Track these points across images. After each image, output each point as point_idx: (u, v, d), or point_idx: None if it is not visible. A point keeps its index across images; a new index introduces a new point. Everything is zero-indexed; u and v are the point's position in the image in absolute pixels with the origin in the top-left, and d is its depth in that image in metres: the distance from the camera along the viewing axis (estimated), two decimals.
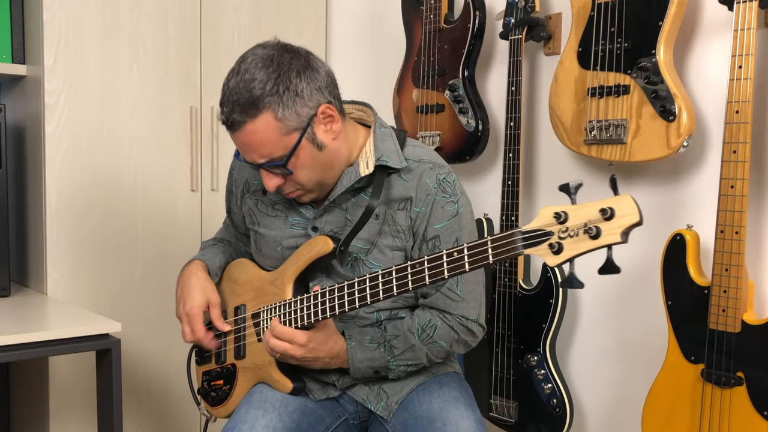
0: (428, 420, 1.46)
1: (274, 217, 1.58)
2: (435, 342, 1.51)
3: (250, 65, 1.38)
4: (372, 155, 1.48)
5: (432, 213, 1.49)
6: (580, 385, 2.07)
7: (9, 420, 2.39)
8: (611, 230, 1.08)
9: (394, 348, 1.49)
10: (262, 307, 1.54)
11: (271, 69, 1.37)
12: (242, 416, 1.46)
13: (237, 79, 1.38)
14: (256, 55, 1.40)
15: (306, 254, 1.49)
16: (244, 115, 1.37)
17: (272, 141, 1.39)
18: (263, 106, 1.36)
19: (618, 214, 1.08)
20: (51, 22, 2.07)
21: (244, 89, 1.37)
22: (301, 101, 1.39)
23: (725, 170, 1.56)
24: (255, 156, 1.42)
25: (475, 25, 2.10)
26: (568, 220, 1.12)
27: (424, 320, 1.51)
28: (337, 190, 1.50)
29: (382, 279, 1.33)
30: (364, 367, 1.49)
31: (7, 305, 1.94)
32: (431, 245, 1.50)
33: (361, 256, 1.50)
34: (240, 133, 1.39)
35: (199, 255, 1.69)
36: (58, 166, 2.10)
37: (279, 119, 1.37)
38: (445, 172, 1.52)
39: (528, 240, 1.15)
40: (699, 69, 1.79)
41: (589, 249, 1.10)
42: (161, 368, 2.30)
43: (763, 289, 1.68)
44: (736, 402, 1.58)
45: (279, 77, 1.37)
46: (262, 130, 1.38)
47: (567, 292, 1.95)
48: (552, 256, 1.13)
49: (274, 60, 1.39)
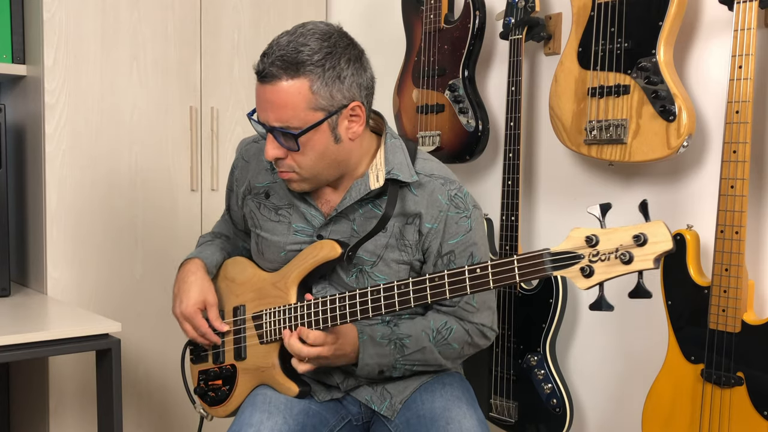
0: (431, 419, 1.46)
1: (276, 222, 1.57)
2: (449, 344, 1.51)
3: (308, 31, 1.38)
4: (382, 168, 1.47)
5: (446, 229, 1.48)
6: (580, 385, 2.07)
7: (9, 420, 2.39)
8: (644, 256, 1.10)
9: (405, 347, 1.48)
10: (264, 309, 1.53)
11: (326, 44, 1.37)
12: (247, 419, 1.46)
13: (290, 38, 1.37)
14: (317, 26, 1.40)
15: (311, 258, 1.48)
16: (282, 72, 1.35)
17: (296, 108, 1.36)
18: (304, 71, 1.35)
19: (651, 241, 1.09)
20: (51, 22, 2.07)
21: (293, 49, 1.35)
22: (339, 86, 1.38)
23: (725, 170, 1.56)
24: (271, 116, 1.38)
25: (475, 25, 2.10)
26: (599, 243, 1.13)
27: (439, 322, 1.51)
28: (346, 201, 1.48)
29: (398, 290, 1.32)
30: (373, 363, 1.47)
31: (7, 305, 1.94)
32: (446, 260, 1.50)
33: (366, 268, 1.49)
34: (270, 86, 1.37)
35: (196, 252, 1.67)
36: (58, 166, 2.10)
37: (313, 92, 1.36)
38: (456, 187, 1.51)
39: (557, 262, 1.16)
40: (699, 69, 1.79)
41: (621, 273, 1.12)
42: (161, 368, 2.30)
43: (763, 289, 1.68)
44: (736, 402, 1.58)
45: (330, 54, 1.37)
46: (292, 93, 1.35)
47: (567, 292, 1.95)
48: (583, 279, 1.14)
49: (332, 38, 1.38)
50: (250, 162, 1.63)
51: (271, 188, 1.58)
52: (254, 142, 1.65)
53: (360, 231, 1.49)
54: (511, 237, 1.97)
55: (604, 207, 1.14)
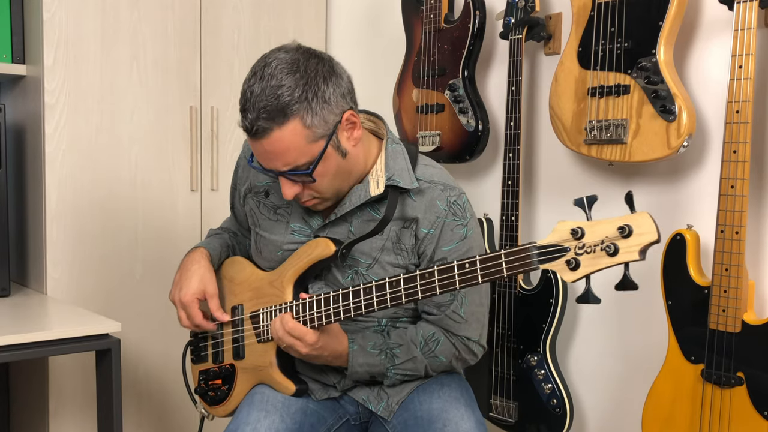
0: (428, 421, 1.46)
1: (275, 221, 1.57)
2: (436, 356, 1.51)
3: (275, 70, 1.33)
4: (383, 174, 1.47)
5: (441, 236, 1.48)
6: (580, 385, 2.07)
7: (9, 420, 2.39)
8: (629, 248, 1.09)
9: (396, 357, 1.49)
10: (261, 308, 1.54)
11: (298, 75, 1.33)
12: (244, 417, 1.46)
13: (263, 84, 1.33)
14: (280, 59, 1.35)
15: (306, 256, 1.48)
16: (271, 122, 1.32)
17: (298, 148, 1.35)
18: (291, 113, 1.32)
19: (636, 232, 1.09)
20: (51, 22, 2.07)
21: (271, 95, 1.32)
22: (329, 108, 1.36)
23: (725, 170, 1.56)
24: (278, 164, 1.37)
25: (475, 25, 2.10)
26: (584, 236, 1.12)
27: (428, 333, 1.51)
28: (346, 206, 1.49)
29: (390, 288, 1.32)
30: (363, 371, 1.49)
31: (7, 305, 1.94)
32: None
33: (362, 270, 1.49)
34: (265, 140, 1.35)
35: (204, 243, 1.67)
36: (58, 166, 2.10)
37: (307, 127, 1.34)
38: (455, 194, 1.50)
39: (543, 255, 1.16)
40: (699, 69, 1.79)
41: (606, 266, 1.11)
42: (161, 368, 2.30)
43: (763, 289, 1.68)
44: (737, 402, 1.58)
45: (307, 83, 1.33)
46: (289, 138, 1.34)
47: (567, 292, 1.95)
48: (569, 272, 1.14)
49: (300, 65, 1.34)
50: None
51: (271, 187, 1.58)
52: None
53: (357, 233, 1.50)
54: (511, 237, 1.97)
55: (590, 199, 1.14)
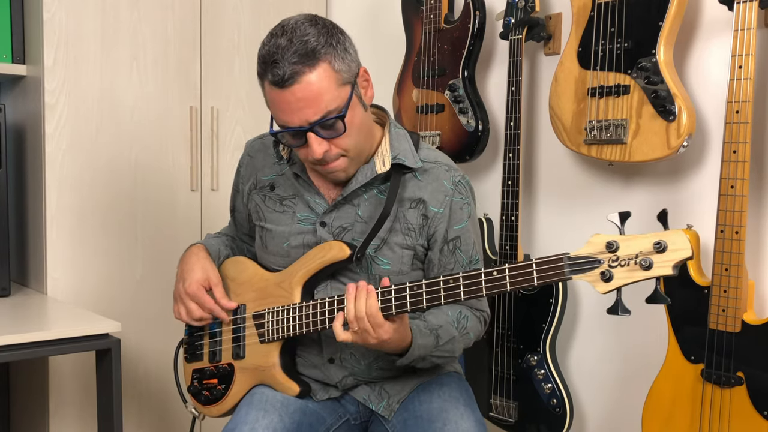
0: (428, 420, 1.46)
1: (281, 212, 1.58)
2: (468, 333, 1.52)
3: (297, 24, 1.39)
4: (388, 153, 1.50)
5: (451, 215, 1.51)
6: (580, 385, 2.07)
7: (9, 420, 2.39)
8: (663, 263, 1.13)
9: (440, 338, 1.47)
10: (266, 308, 1.53)
11: (319, 26, 1.40)
12: (243, 417, 1.46)
13: (288, 36, 1.38)
14: (297, 18, 1.42)
15: (319, 258, 1.48)
16: (303, 66, 1.36)
17: (330, 91, 1.38)
18: (321, 55, 1.37)
19: (671, 248, 1.13)
20: (51, 22, 2.07)
21: (299, 42, 1.37)
22: (350, 56, 1.42)
23: (725, 170, 1.56)
24: (310, 113, 1.38)
25: (475, 25, 2.10)
26: (619, 249, 1.16)
27: (455, 312, 1.52)
28: (352, 185, 1.50)
29: (410, 292, 1.33)
30: (416, 355, 1.44)
31: (7, 305, 1.94)
32: (452, 246, 1.52)
33: (370, 252, 1.49)
34: (297, 86, 1.37)
35: (201, 241, 1.69)
36: (58, 166, 2.10)
37: (336, 70, 1.38)
38: (459, 174, 1.54)
39: (576, 266, 1.19)
40: (699, 69, 1.79)
41: (640, 279, 1.15)
42: (161, 368, 2.30)
43: (763, 289, 1.68)
44: (736, 402, 1.58)
45: (329, 33, 1.40)
46: (321, 79, 1.37)
47: (567, 292, 1.95)
48: (602, 283, 1.17)
49: (319, 20, 1.41)
50: (255, 157, 1.64)
51: (276, 180, 1.60)
52: (259, 139, 1.67)
53: (364, 216, 1.50)
54: (511, 237, 1.97)
55: (623, 215, 1.17)
